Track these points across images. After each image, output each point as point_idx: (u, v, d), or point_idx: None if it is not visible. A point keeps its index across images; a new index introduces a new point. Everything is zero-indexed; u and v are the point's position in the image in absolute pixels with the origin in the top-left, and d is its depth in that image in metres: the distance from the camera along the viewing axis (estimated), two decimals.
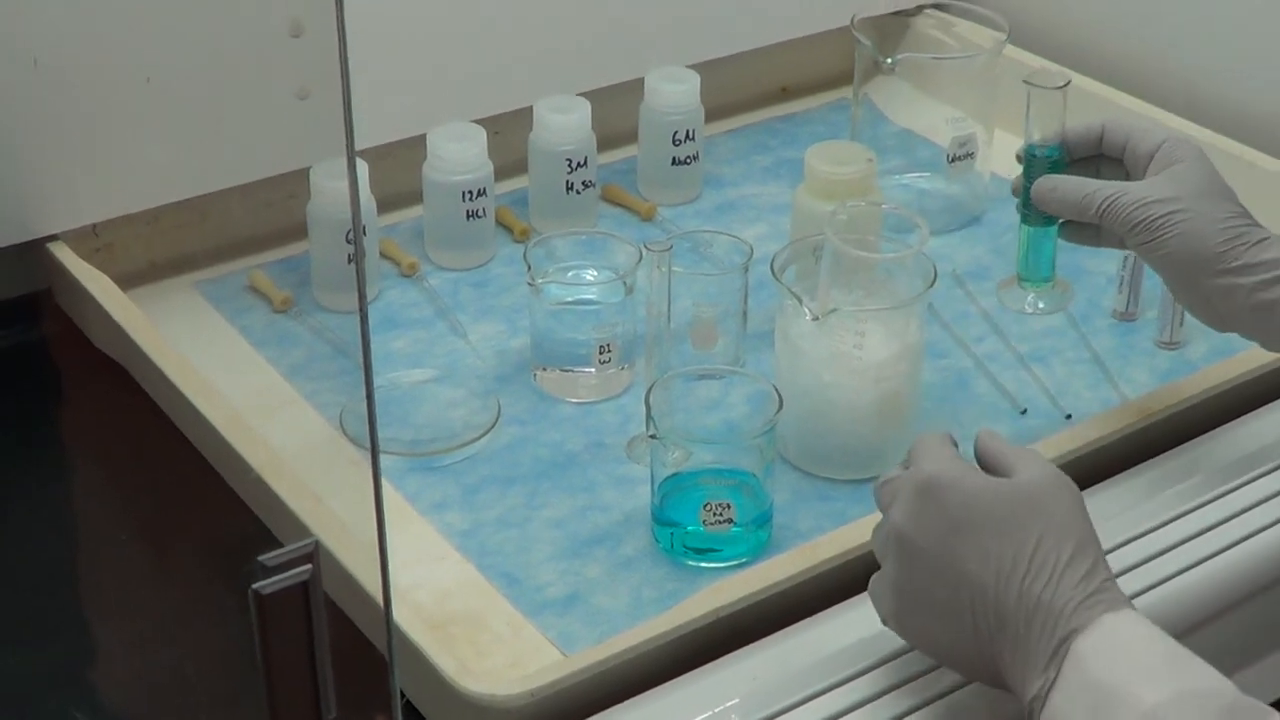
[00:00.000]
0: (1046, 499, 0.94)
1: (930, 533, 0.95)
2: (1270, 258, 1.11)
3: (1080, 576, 0.91)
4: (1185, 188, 1.14)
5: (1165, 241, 1.13)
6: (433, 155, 1.46)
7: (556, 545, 1.19)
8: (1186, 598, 1.09)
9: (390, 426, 1.29)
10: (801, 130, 1.73)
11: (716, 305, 1.33)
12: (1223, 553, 1.11)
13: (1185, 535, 1.12)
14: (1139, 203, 1.14)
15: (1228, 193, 1.15)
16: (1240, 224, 1.13)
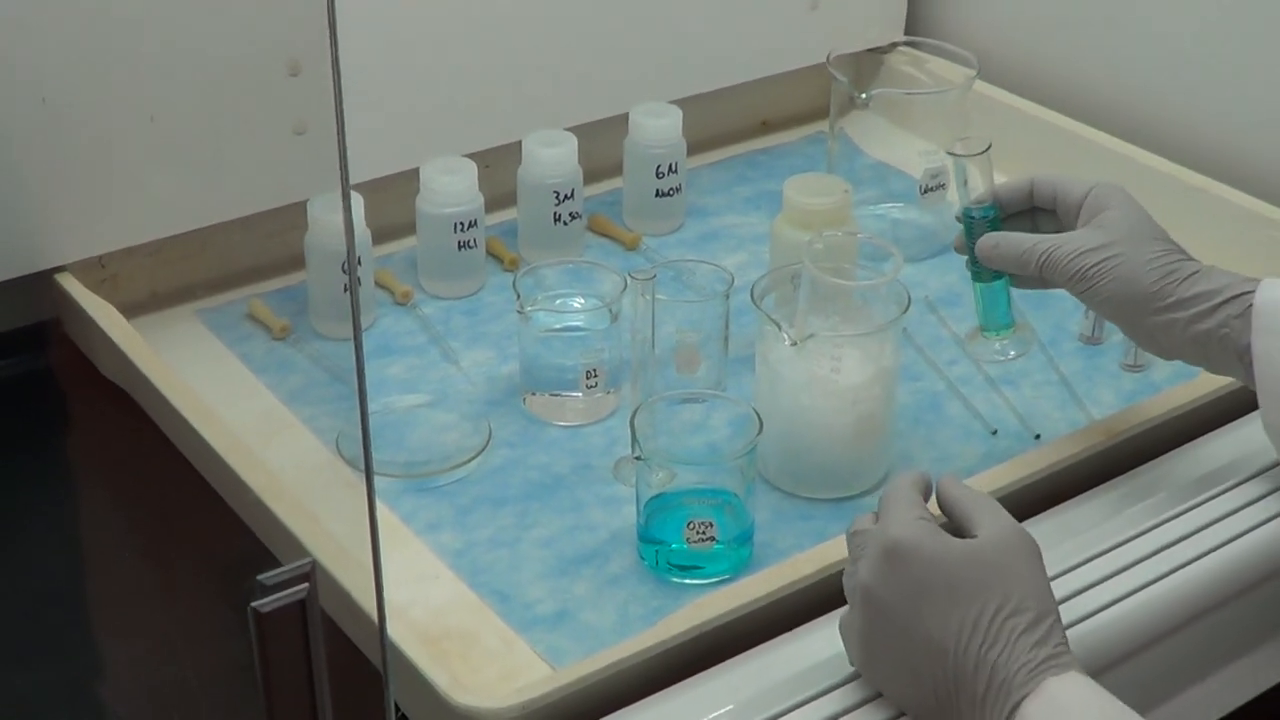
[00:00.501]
0: (1005, 562, 0.94)
1: (893, 594, 0.95)
2: (1201, 290, 1.12)
3: (1034, 642, 0.92)
4: (1116, 233, 1.15)
5: (1103, 287, 1.14)
6: (426, 188, 1.46)
7: (546, 563, 1.19)
8: (1150, 611, 1.09)
9: (385, 449, 1.28)
10: (780, 163, 1.74)
11: (699, 331, 1.33)
12: (1184, 567, 1.11)
13: (1149, 550, 1.12)
14: (1074, 254, 1.15)
15: (1157, 231, 1.16)
16: (1171, 261, 1.14)
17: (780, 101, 1.80)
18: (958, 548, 0.95)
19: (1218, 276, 1.13)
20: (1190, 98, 1.63)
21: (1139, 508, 1.16)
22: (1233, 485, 1.18)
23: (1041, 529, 1.14)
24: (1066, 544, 1.12)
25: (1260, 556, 1.14)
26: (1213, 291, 1.12)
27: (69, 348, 1.40)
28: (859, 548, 0.99)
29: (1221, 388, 1.27)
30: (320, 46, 0.82)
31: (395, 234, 1.53)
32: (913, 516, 0.97)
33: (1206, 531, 1.14)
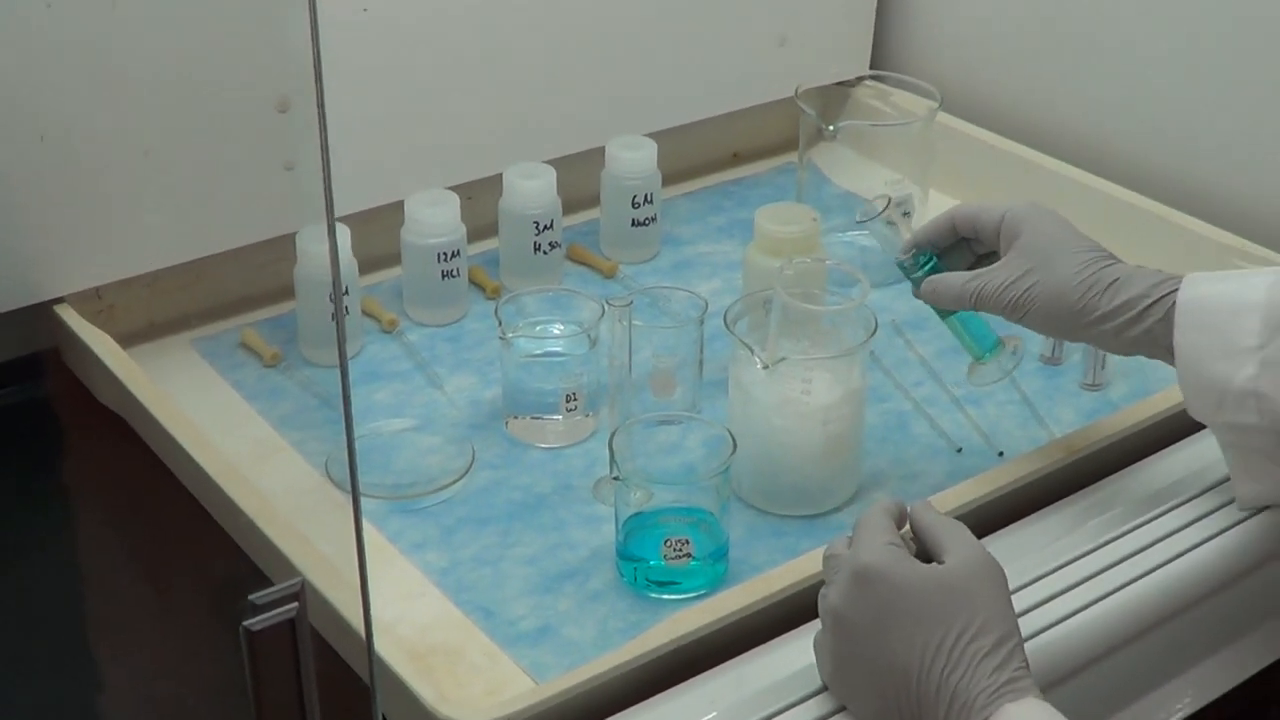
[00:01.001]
0: (972, 590, 0.94)
1: (861, 617, 0.95)
2: (1124, 300, 1.12)
3: (995, 667, 0.91)
4: (1033, 258, 1.15)
5: (1034, 314, 1.15)
6: (410, 220, 1.46)
7: (528, 581, 1.19)
8: (1108, 621, 1.09)
9: (373, 472, 1.28)
10: (751, 192, 1.74)
11: (674, 356, 1.33)
12: (1138, 580, 1.11)
13: (1108, 562, 1.12)
14: (999, 289, 1.16)
15: (1075, 243, 1.16)
16: (1091, 274, 1.13)
17: (751, 134, 1.80)
18: (924, 574, 0.95)
19: (1139, 280, 1.13)
20: (1146, 127, 1.64)
21: (1097, 522, 1.17)
22: (1186, 500, 1.18)
23: (1004, 543, 1.14)
24: (1028, 557, 1.12)
25: (1211, 570, 1.14)
26: (1135, 299, 1.12)
27: (67, 377, 1.40)
28: (832, 571, 0.99)
29: (1175, 406, 1.27)
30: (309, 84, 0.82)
31: (381, 264, 1.53)
32: (883, 542, 0.97)
33: (1160, 545, 1.14)
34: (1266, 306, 1.07)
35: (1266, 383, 1.07)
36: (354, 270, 1.42)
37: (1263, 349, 1.07)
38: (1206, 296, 1.10)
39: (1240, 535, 1.17)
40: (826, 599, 0.98)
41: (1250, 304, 1.08)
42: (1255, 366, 1.07)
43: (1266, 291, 1.08)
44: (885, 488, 1.28)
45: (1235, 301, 1.08)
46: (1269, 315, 1.07)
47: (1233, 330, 1.08)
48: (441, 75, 1.53)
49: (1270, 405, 1.07)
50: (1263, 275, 1.09)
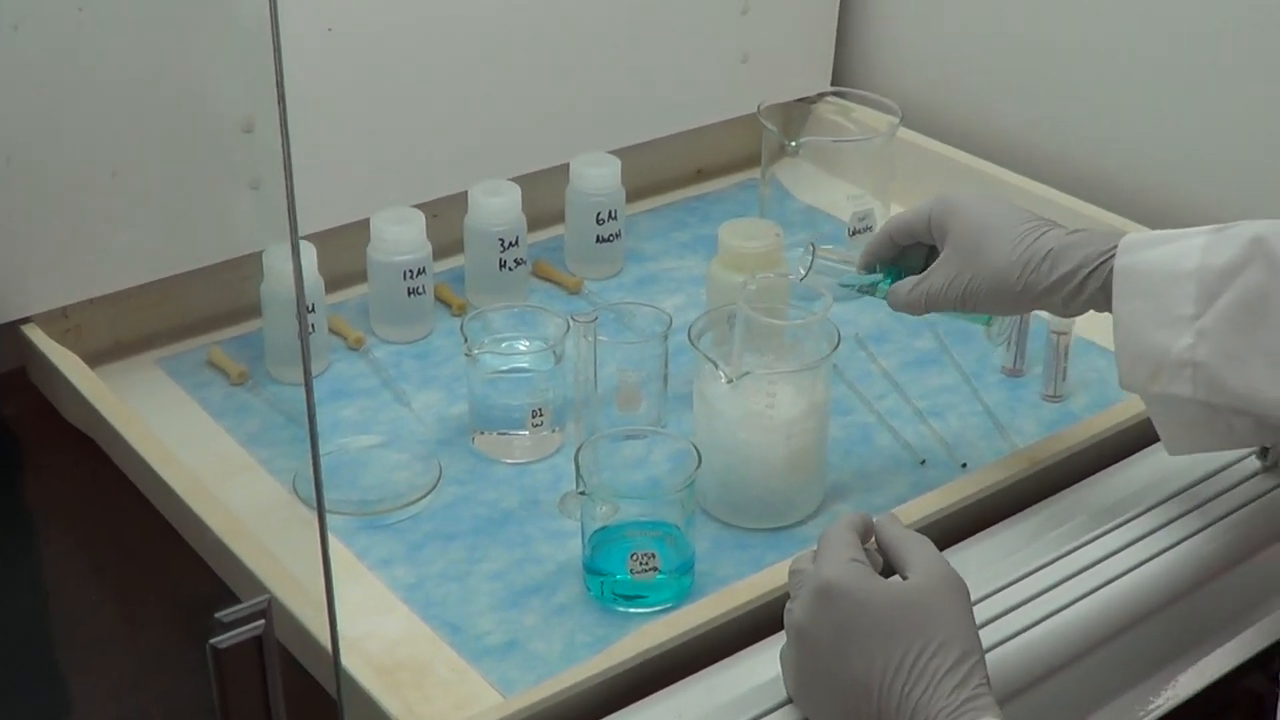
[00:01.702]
0: (934, 606, 0.94)
1: (824, 633, 0.95)
2: (1062, 274, 1.12)
3: (955, 684, 0.91)
4: (965, 251, 1.15)
5: (981, 304, 1.16)
6: (376, 237, 1.45)
7: (495, 596, 1.18)
8: (1069, 631, 1.09)
9: (340, 489, 1.28)
10: (715, 208, 1.74)
11: (639, 371, 1.33)
12: (1103, 588, 1.12)
13: (1070, 572, 1.12)
14: (942, 290, 1.17)
15: (1003, 223, 1.15)
16: (1024, 250, 1.13)
17: (714, 150, 1.80)
18: (886, 590, 0.95)
19: (1076, 249, 1.12)
20: (1105, 141, 1.65)
21: (1059, 532, 1.17)
22: (1146, 509, 1.19)
23: (967, 554, 1.15)
24: (991, 568, 1.12)
25: (1172, 579, 1.15)
26: (1073, 270, 1.12)
27: (34, 396, 1.39)
28: (796, 585, 0.99)
29: (1135, 416, 1.28)
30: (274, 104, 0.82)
31: (348, 282, 1.53)
32: (846, 558, 0.96)
33: (1121, 554, 1.14)
34: (1200, 273, 1.06)
35: (1203, 352, 1.06)
36: (320, 288, 1.41)
37: (1198, 318, 1.06)
38: (1143, 263, 1.09)
39: (1200, 544, 1.17)
40: (791, 613, 0.98)
41: (1184, 271, 1.07)
42: (1191, 336, 1.06)
43: (1199, 257, 1.07)
44: (849, 500, 1.29)
45: (1171, 269, 1.07)
46: (1203, 282, 1.06)
47: (1169, 298, 1.07)
48: (406, 94, 1.53)
49: (1205, 376, 1.06)
50: (1195, 238, 1.08)
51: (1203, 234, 1.08)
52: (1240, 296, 1.05)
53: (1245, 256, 1.05)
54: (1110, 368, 1.44)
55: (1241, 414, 1.07)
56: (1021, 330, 1.43)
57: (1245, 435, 1.09)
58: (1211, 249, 1.07)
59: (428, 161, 1.56)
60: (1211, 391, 1.06)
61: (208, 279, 1.47)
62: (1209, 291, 1.06)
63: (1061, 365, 1.40)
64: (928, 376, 1.45)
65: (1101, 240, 1.12)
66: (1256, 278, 1.04)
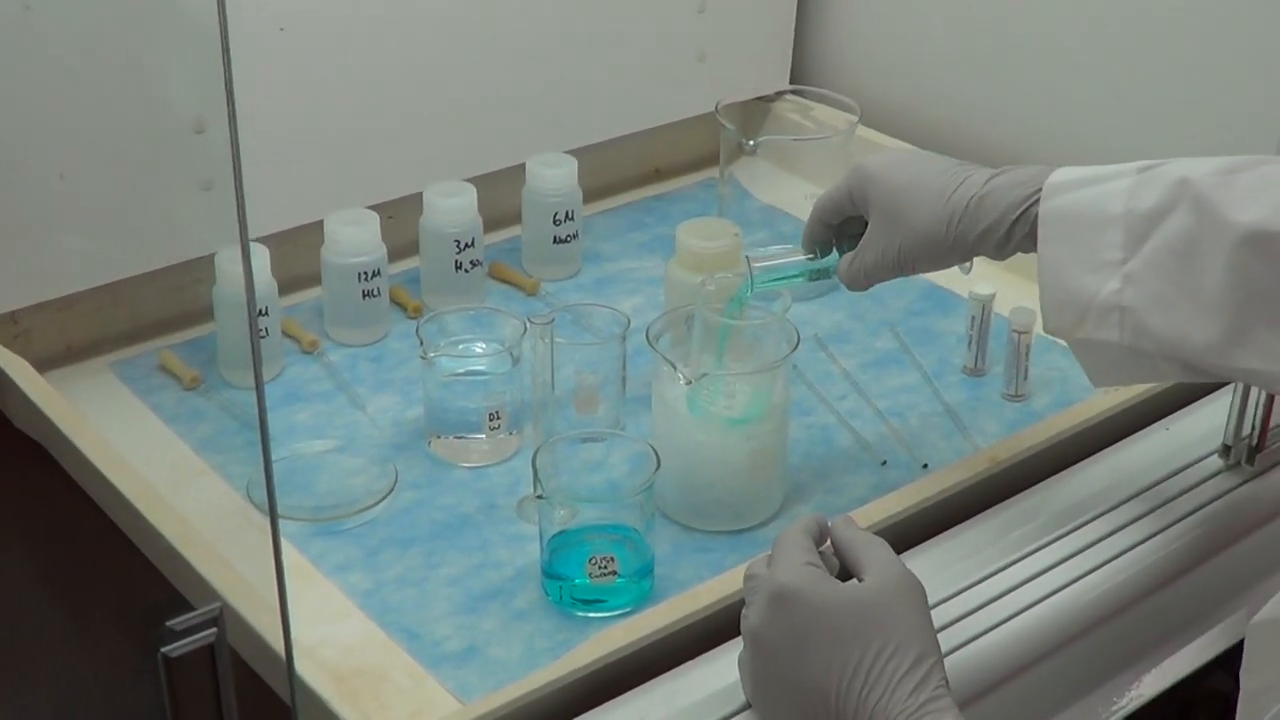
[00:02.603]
0: (890, 608, 0.94)
1: (779, 638, 0.95)
2: (989, 222, 1.11)
3: (913, 687, 0.91)
4: (888, 218, 1.15)
5: (918, 266, 1.15)
6: (330, 239, 1.45)
7: (453, 601, 1.18)
8: (1031, 633, 1.09)
9: (295, 494, 1.27)
10: (673, 208, 1.74)
11: (597, 373, 1.33)
12: (1065, 588, 1.12)
13: (1031, 573, 1.13)
14: (876, 263, 1.16)
15: (919, 180, 1.14)
16: (945, 204, 1.12)
17: (672, 149, 1.80)
18: (841, 593, 0.94)
19: (997, 197, 1.11)
20: (1063, 137, 1.65)
21: (1021, 532, 1.17)
22: (1109, 509, 1.19)
23: (928, 555, 1.15)
24: (952, 569, 1.13)
25: (1135, 578, 1.15)
26: (997, 220, 1.11)
27: None
28: (752, 591, 0.98)
29: (1097, 415, 1.29)
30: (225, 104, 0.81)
31: (302, 284, 1.52)
32: (800, 562, 0.96)
33: (1084, 554, 1.15)
34: (1126, 218, 1.06)
35: (1130, 297, 1.05)
36: (273, 291, 1.41)
37: (1125, 263, 1.05)
38: (1068, 207, 1.08)
39: (1163, 544, 1.18)
40: (747, 619, 0.98)
41: (1111, 216, 1.06)
42: (1119, 281, 1.05)
43: (1125, 201, 1.06)
44: (810, 502, 1.29)
45: (1097, 213, 1.07)
46: (1129, 227, 1.05)
47: (1096, 243, 1.06)
48: (360, 94, 1.52)
49: (1133, 321, 1.05)
50: (1120, 179, 1.07)
51: (1127, 175, 1.07)
52: (1167, 241, 1.04)
53: (1171, 199, 1.04)
54: (1073, 366, 1.43)
55: (1169, 358, 1.06)
56: (983, 330, 1.43)
57: (1170, 375, 1.08)
58: (1137, 192, 1.06)
59: (382, 162, 1.56)
60: (1139, 336, 1.05)
61: (159, 282, 1.46)
62: (1136, 236, 1.05)
63: (1023, 364, 1.40)
64: (888, 376, 1.45)
65: (1025, 184, 1.11)
66: (1183, 221, 1.03)
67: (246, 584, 1.09)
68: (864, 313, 1.54)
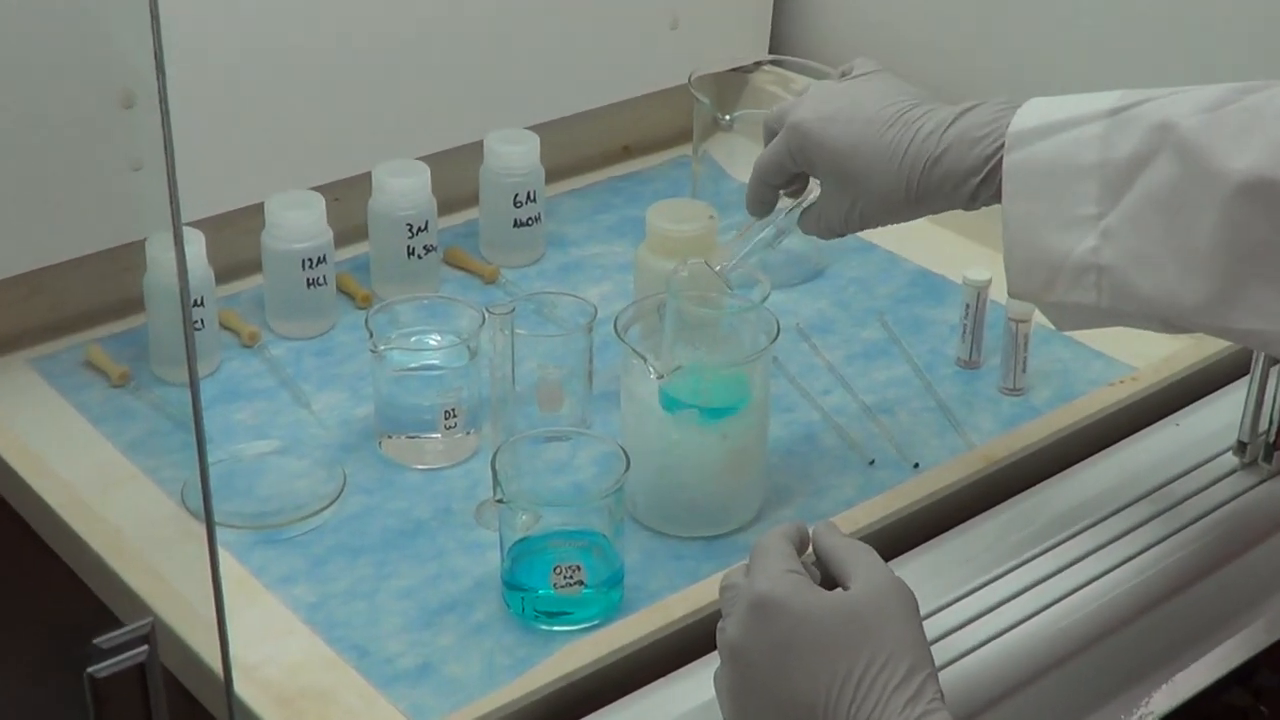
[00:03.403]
0: (878, 616, 0.93)
1: (761, 651, 0.94)
2: (952, 184, 1.09)
3: (907, 699, 0.90)
4: (840, 181, 1.14)
5: (882, 223, 1.15)
6: (271, 223, 1.45)
7: (407, 615, 1.18)
8: (1031, 646, 1.10)
9: (234, 500, 1.27)
10: (643, 188, 1.74)
11: (561, 367, 1.33)
12: (1068, 597, 1.12)
13: (1031, 580, 1.13)
14: (840, 221, 1.16)
15: (863, 139, 1.12)
16: (899, 165, 1.10)
17: (642, 125, 1.80)
18: (827, 601, 0.94)
19: (957, 153, 1.09)
20: None
21: (1020, 537, 1.17)
22: (1115, 511, 1.19)
23: (920, 562, 1.15)
24: (945, 577, 1.13)
25: (1144, 586, 1.15)
26: (960, 179, 1.09)
27: None
28: (729, 602, 0.98)
29: (1101, 410, 1.29)
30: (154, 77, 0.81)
31: (240, 272, 1.52)
32: (782, 569, 0.96)
33: (1088, 560, 1.15)
34: (1102, 167, 1.04)
35: (1108, 255, 1.03)
36: (209, 279, 1.40)
37: (1102, 217, 1.04)
38: (1035, 158, 1.06)
39: (1173, 549, 1.18)
40: (724, 632, 0.98)
41: (1084, 166, 1.04)
42: (1095, 238, 1.04)
43: (1100, 149, 1.04)
44: (792, 504, 1.29)
45: (1068, 164, 1.05)
46: (1106, 178, 1.03)
47: (1068, 197, 1.05)
48: (303, 65, 1.52)
49: (1112, 281, 1.04)
50: (1092, 124, 1.05)
51: (1100, 119, 1.05)
52: (1149, 192, 1.02)
53: (1151, 146, 1.02)
54: (1076, 358, 1.45)
55: (1150, 319, 1.05)
56: (978, 318, 1.43)
57: (1151, 329, 1.07)
58: (1112, 139, 1.04)
59: (328, 140, 1.55)
60: (1119, 298, 1.04)
61: (85, 270, 1.46)
62: (1113, 188, 1.03)
63: (1021, 356, 1.40)
64: (876, 369, 1.45)
65: (985, 137, 1.09)
66: (1166, 170, 1.01)
67: (181, 598, 1.09)
68: (849, 301, 1.55)
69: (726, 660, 0.97)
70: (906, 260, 1.61)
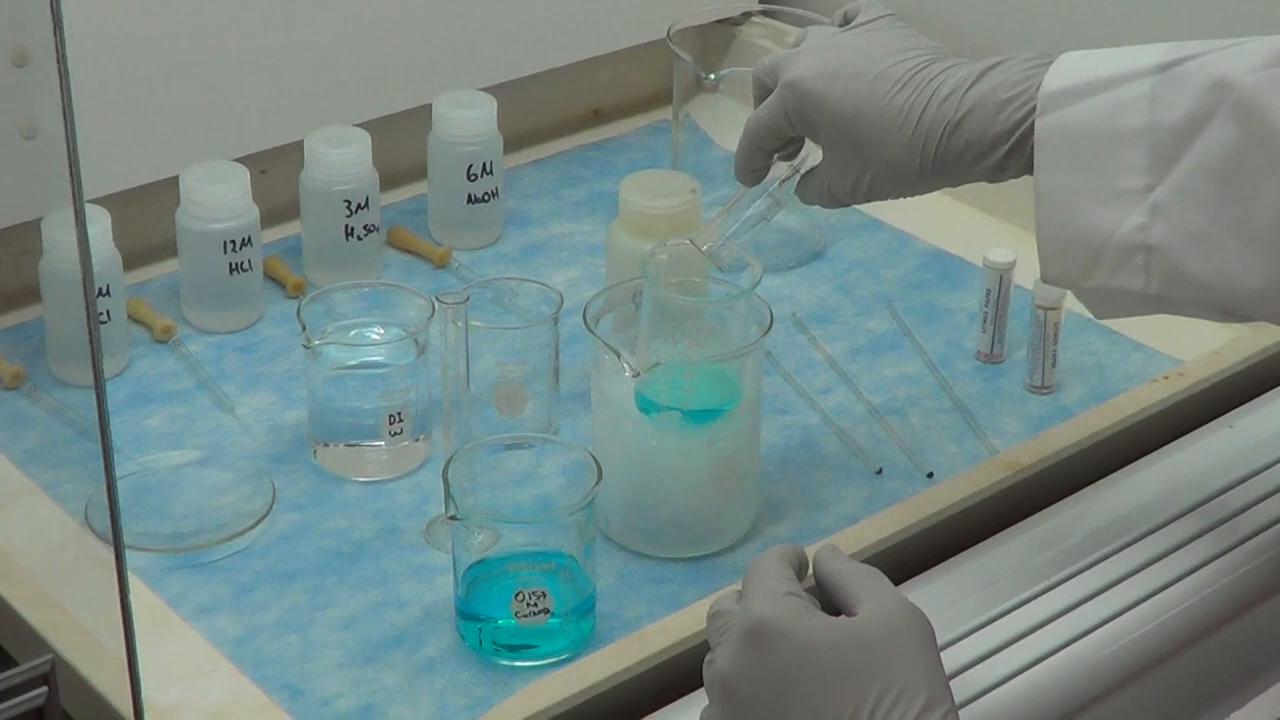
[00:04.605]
0: (890, 643, 0.93)
1: (757, 685, 0.94)
2: (974, 154, 1.09)
3: None
4: (846, 149, 1.13)
5: (893, 196, 1.14)
6: (188, 200, 1.44)
7: (346, 650, 1.18)
8: (1064, 681, 1.10)
9: (146, 519, 1.27)
10: (617, 158, 1.75)
11: (523, 363, 1.33)
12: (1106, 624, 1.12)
13: (1063, 606, 1.13)
14: (845, 192, 1.15)
15: (871, 101, 1.12)
16: (914, 132, 1.09)
17: (614, 86, 1.81)
18: (832, 627, 0.94)
19: (977, 120, 1.08)
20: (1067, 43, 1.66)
21: (1049, 556, 1.17)
22: (1160, 525, 1.19)
23: (935, 585, 1.15)
24: (964, 603, 1.13)
25: (1196, 611, 1.16)
26: (986, 149, 1.08)
27: None
28: (719, 632, 0.98)
29: (1144, 410, 1.29)
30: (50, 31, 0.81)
31: (152, 256, 1.52)
32: (780, 592, 0.96)
33: (1128, 583, 1.15)
34: (1150, 132, 1.03)
35: (1159, 233, 1.03)
36: (117, 265, 1.40)
37: (1151, 190, 1.03)
38: (1073, 123, 1.05)
39: (1227, 569, 1.18)
40: (713, 665, 0.97)
41: (1129, 131, 1.04)
42: (1143, 214, 1.03)
43: (1148, 111, 1.03)
44: (788, 520, 1.29)
45: (1111, 129, 1.04)
46: (1155, 144, 1.03)
47: (1111, 167, 1.04)
48: (224, 17, 1.52)
49: (1164, 264, 1.03)
50: (1138, 82, 1.04)
51: (1146, 76, 1.04)
52: (1204, 161, 1.01)
53: (1207, 107, 1.01)
54: (1112, 351, 1.45)
55: (1204, 306, 1.04)
56: (1000, 305, 1.43)
57: (1205, 318, 1.07)
58: (1161, 99, 1.03)
59: (253, 103, 1.55)
60: (1171, 283, 1.04)
61: None
62: (1163, 156, 1.03)
63: (1050, 349, 1.41)
64: (884, 364, 1.45)
65: (1013, 99, 1.08)
66: (1224, 135, 1.01)
67: (85, 632, 1.08)
68: (853, 286, 1.55)
69: (716, 698, 0.97)
70: (918, 239, 1.62)
